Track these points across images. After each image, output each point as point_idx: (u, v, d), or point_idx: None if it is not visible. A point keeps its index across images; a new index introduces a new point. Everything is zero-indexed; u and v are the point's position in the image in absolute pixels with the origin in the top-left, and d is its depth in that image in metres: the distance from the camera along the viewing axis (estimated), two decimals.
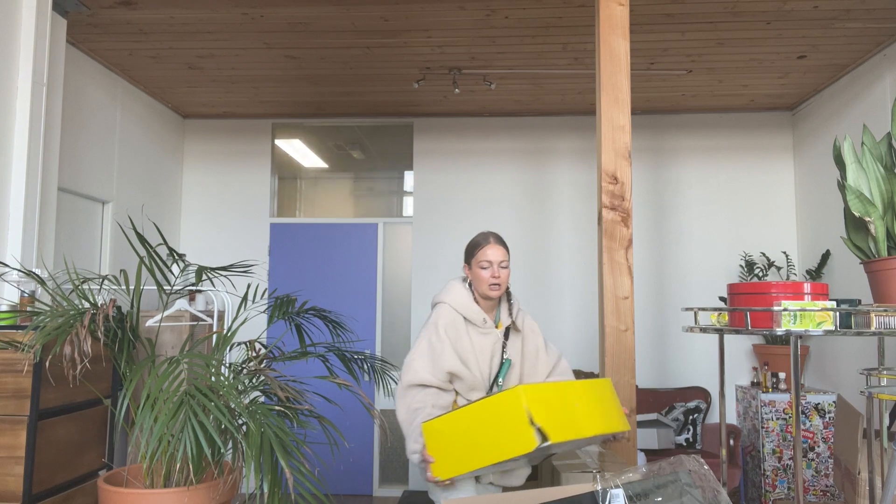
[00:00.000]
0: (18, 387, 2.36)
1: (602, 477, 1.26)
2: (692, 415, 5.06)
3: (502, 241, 2.55)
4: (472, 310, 2.52)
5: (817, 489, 4.65)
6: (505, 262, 2.50)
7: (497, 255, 2.50)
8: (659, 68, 4.66)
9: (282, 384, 1.84)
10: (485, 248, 2.50)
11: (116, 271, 4.83)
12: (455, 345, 2.45)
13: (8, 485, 2.32)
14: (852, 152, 2.50)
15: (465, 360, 2.45)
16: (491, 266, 2.49)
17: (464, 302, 2.53)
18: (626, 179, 2.99)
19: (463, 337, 2.48)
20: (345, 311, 5.66)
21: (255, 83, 5.00)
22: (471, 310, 2.52)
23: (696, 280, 5.55)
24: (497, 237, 2.54)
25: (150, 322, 2.85)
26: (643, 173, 5.66)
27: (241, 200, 5.83)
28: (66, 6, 3.62)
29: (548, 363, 2.62)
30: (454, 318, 2.49)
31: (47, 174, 3.47)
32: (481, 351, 2.49)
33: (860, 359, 4.55)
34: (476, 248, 2.53)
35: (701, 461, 1.35)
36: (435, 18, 3.90)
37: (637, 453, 3.32)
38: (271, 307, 2.65)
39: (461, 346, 2.46)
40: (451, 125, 5.78)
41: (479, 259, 2.49)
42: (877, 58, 4.36)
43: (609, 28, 3.04)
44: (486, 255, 2.49)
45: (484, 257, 2.50)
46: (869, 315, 2.17)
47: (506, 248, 2.53)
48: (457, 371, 2.42)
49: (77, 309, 1.98)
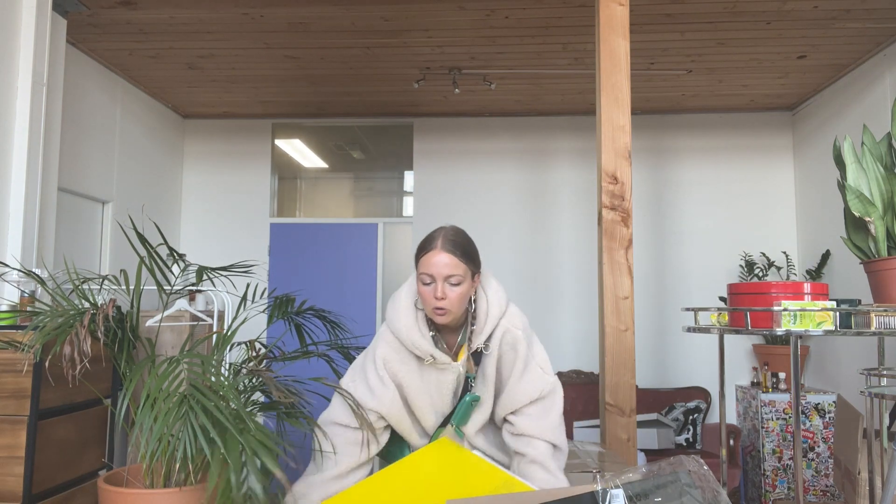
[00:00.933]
0: (18, 387, 2.36)
1: (602, 477, 1.26)
2: (692, 415, 5.06)
3: (459, 246, 1.77)
4: (414, 337, 1.82)
5: (817, 489, 4.65)
6: (456, 276, 1.74)
7: (442, 266, 1.74)
8: (659, 68, 4.65)
9: (278, 384, 1.84)
10: (425, 256, 1.76)
11: (116, 271, 4.83)
12: (400, 383, 1.85)
13: (8, 485, 2.32)
14: (852, 152, 2.50)
15: (413, 403, 1.87)
16: (433, 282, 1.76)
17: (405, 325, 1.83)
18: (626, 179, 2.99)
19: (410, 373, 1.85)
20: (345, 311, 5.66)
21: (255, 83, 5.00)
22: (412, 337, 1.82)
23: (696, 280, 5.55)
24: (449, 240, 1.77)
25: (150, 322, 2.85)
26: (643, 173, 5.66)
27: (241, 200, 5.83)
28: (66, 6, 3.62)
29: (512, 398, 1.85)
30: (396, 349, 1.85)
31: (47, 174, 3.47)
32: (437, 391, 1.88)
33: (860, 359, 4.55)
34: (419, 252, 1.80)
35: (701, 461, 1.35)
36: (435, 18, 3.90)
37: (637, 453, 3.32)
38: (271, 307, 2.66)
39: (409, 384, 1.85)
40: (451, 125, 5.78)
41: (420, 270, 1.78)
42: (877, 58, 4.36)
43: (609, 28, 3.04)
44: (427, 266, 1.76)
45: (424, 268, 1.76)
46: (869, 315, 2.17)
47: (463, 256, 1.77)
48: (397, 419, 1.86)
49: (77, 309, 1.98)
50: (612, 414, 2.91)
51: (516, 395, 1.84)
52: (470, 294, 1.82)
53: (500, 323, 1.86)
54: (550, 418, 1.85)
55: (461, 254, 1.77)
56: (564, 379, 5.42)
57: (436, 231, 1.82)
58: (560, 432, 1.86)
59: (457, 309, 1.78)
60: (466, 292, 1.79)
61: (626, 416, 2.90)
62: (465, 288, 1.78)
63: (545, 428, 1.83)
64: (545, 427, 1.83)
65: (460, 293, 1.76)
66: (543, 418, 1.84)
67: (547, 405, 1.86)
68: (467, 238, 1.83)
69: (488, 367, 1.86)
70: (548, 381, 1.87)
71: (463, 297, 1.78)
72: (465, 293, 1.79)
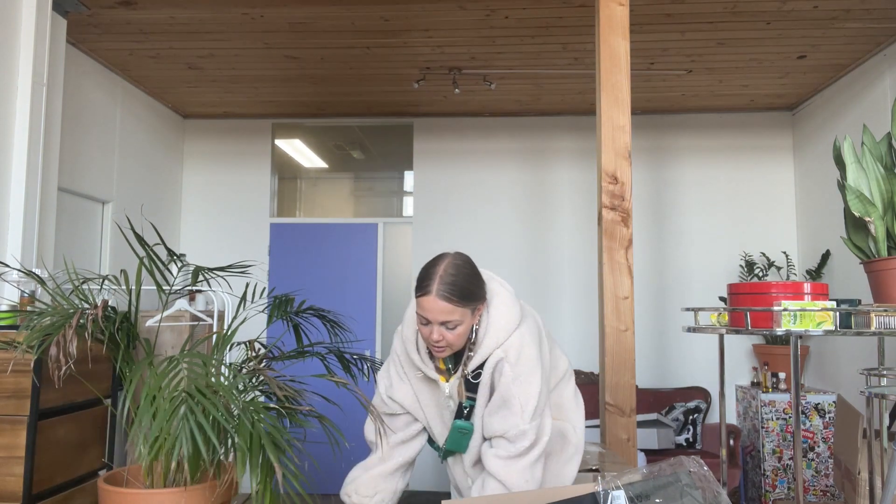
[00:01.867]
0: (18, 387, 2.36)
1: (603, 478, 1.26)
2: (692, 415, 5.06)
3: (456, 290, 1.66)
4: (410, 351, 1.84)
5: (817, 489, 4.65)
6: (454, 321, 1.68)
7: (437, 313, 1.67)
8: (659, 68, 4.65)
9: (280, 383, 1.84)
10: (420, 299, 1.69)
11: (116, 271, 4.83)
12: (411, 383, 1.88)
13: (8, 485, 2.32)
14: (852, 152, 2.50)
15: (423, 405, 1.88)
16: (430, 324, 1.70)
17: (406, 339, 1.86)
18: (626, 179, 2.99)
19: (416, 378, 1.87)
20: (345, 311, 5.66)
21: (255, 83, 5.00)
22: (408, 349, 1.84)
23: (696, 280, 5.55)
24: (446, 283, 1.66)
25: (150, 322, 2.85)
26: (643, 173, 5.66)
27: (241, 200, 5.83)
28: (66, 6, 3.62)
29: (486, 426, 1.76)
30: (404, 352, 1.88)
31: (47, 174, 3.47)
32: (429, 401, 1.87)
33: (860, 359, 4.55)
34: (416, 289, 1.72)
35: (701, 462, 1.35)
36: (435, 18, 3.90)
37: (637, 453, 3.32)
38: (270, 307, 2.65)
39: (417, 387, 1.88)
40: (451, 125, 5.78)
41: (417, 308, 1.71)
42: (877, 58, 4.36)
43: (609, 28, 3.04)
44: (422, 310, 1.69)
45: (420, 310, 1.70)
46: (869, 315, 2.17)
47: (460, 300, 1.67)
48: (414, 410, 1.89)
49: (73, 307, 1.98)
50: (612, 414, 2.91)
51: (488, 425, 1.76)
52: (473, 325, 1.75)
53: (493, 353, 1.75)
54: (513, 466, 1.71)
55: (458, 297, 1.66)
56: None
57: (435, 266, 1.70)
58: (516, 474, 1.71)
59: (457, 346, 1.73)
60: (467, 329, 1.72)
61: (626, 416, 2.90)
62: (464, 328, 1.71)
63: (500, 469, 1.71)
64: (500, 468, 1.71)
65: (458, 334, 1.70)
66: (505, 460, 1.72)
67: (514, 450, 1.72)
68: (469, 275, 1.72)
69: (480, 395, 1.79)
70: (518, 426, 1.70)
71: (463, 336, 1.72)
72: (466, 331, 1.72)
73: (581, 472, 2.26)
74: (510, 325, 1.77)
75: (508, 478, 1.71)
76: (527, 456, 1.73)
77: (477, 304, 1.74)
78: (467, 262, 1.75)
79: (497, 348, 1.75)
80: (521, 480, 1.71)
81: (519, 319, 1.79)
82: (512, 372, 1.73)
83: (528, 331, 1.79)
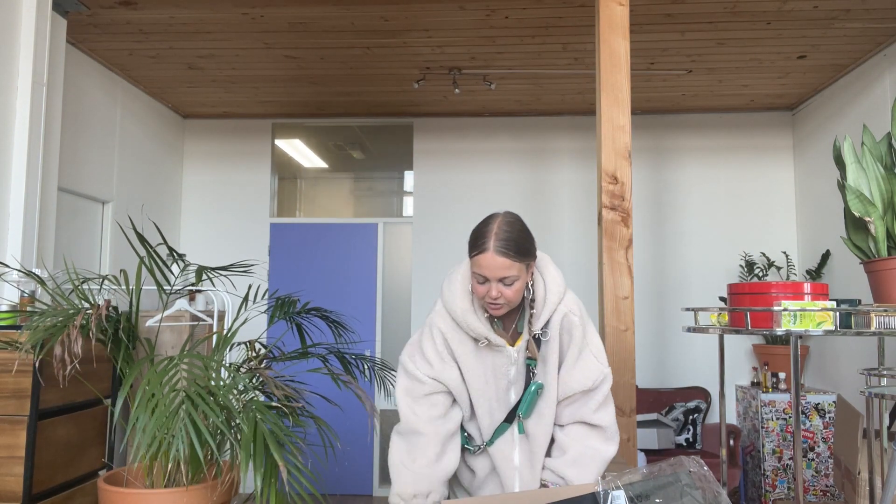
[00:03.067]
0: (18, 387, 2.36)
1: (603, 478, 1.26)
2: (692, 415, 5.06)
3: (512, 245, 1.70)
4: (469, 320, 1.79)
5: (817, 489, 4.65)
6: (511, 277, 1.70)
7: (495, 269, 1.69)
8: (659, 68, 4.65)
9: (279, 383, 1.84)
10: (478, 256, 1.70)
11: (116, 271, 4.83)
12: (458, 360, 1.83)
13: (8, 485, 2.32)
14: (852, 152, 2.50)
15: (470, 384, 1.83)
16: (487, 282, 1.72)
17: (460, 308, 1.80)
18: (626, 179, 2.99)
19: (467, 354, 1.82)
20: (345, 311, 5.66)
21: (255, 83, 5.00)
22: (468, 320, 1.79)
23: (696, 280, 5.55)
24: (501, 240, 1.69)
25: (150, 322, 2.85)
26: (643, 173, 5.66)
27: (241, 200, 5.83)
28: (66, 6, 3.62)
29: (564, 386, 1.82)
30: (451, 326, 1.83)
31: (47, 174, 3.47)
32: (493, 375, 1.83)
33: (860, 359, 4.55)
34: (471, 248, 1.74)
35: (701, 462, 1.35)
36: (435, 18, 3.90)
37: (637, 453, 3.32)
38: (272, 307, 2.65)
39: (465, 363, 1.82)
40: (451, 125, 5.78)
41: (473, 268, 1.73)
42: (877, 58, 4.36)
43: (609, 28, 3.04)
44: (480, 268, 1.71)
45: (477, 268, 1.72)
46: (869, 315, 2.17)
47: (517, 255, 1.70)
48: (457, 393, 1.84)
49: (75, 308, 1.98)
50: None
51: (568, 383, 1.82)
52: (527, 282, 1.80)
53: (558, 308, 1.82)
54: (592, 402, 1.83)
55: (515, 253, 1.70)
56: None
57: (488, 225, 1.73)
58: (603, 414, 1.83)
59: (514, 301, 1.76)
60: (522, 286, 1.75)
61: (626, 416, 2.90)
62: (521, 283, 1.74)
63: (584, 413, 1.82)
64: (584, 412, 1.82)
65: (516, 290, 1.73)
66: (585, 404, 1.83)
67: (600, 396, 1.83)
68: (522, 230, 1.77)
69: (549, 354, 1.83)
70: (601, 370, 1.83)
71: (520, 291, 1.75)
72: (522, 286, 1.75)
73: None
74: (562, 283, 1.87)
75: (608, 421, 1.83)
76: (611, 401, 1.86)
77: (530, 259, 1.79)
78: (518, 220, 1.81)
79: (559, 304, 1.83)
80: (616, 425, 1.86)
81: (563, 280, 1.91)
82: (581, 324, 1.83)
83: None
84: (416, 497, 1.76)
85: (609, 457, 1.83)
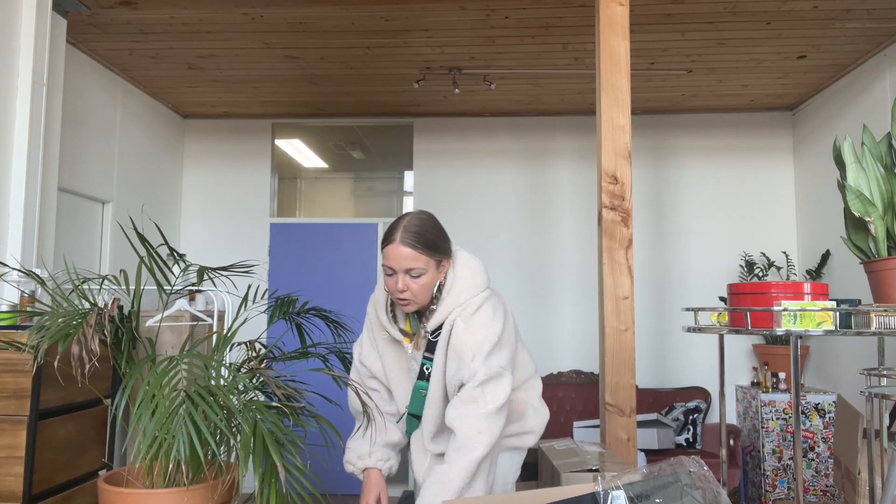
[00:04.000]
0: (18, 387, 2.36)
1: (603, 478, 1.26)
2: (692, 415, 5.06)
3: (420, 238, 1.73)
4: (379, 311, 1.91)
5: (817, 489, 4.65)
6: (417, 269, 1.73)
7: (401, 259, 1.72)
8: (659, 68, 4.65)
9: (279, 383, 1.84)
10: (386, 248, 1.75)
11: (116, 271, 4.83)
12: (379, 347, 1.95)
13: (8, 485, 2.32)
14: (852, 152, 2.50)
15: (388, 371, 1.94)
16: (395, 274, 1.75)
17: (376, 299, 1.94)
18: (626, 179, 2.99)
19: (384, 341, 1.93)
20: (345, 310, 5.66)
21: (255, 83, 5.00)
22: (377, 310, 1.91)
23: (696, 280, 5.55)
24: (410, 232, 1.73)
25: (151, 322, 2.85)
26: (643, 173, 5.66)
27: (241, 200, 5.83)
28: (66, 6, 3.62)
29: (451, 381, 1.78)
30: (375, 315, 1.95)
31: (47, 174, 3.47)
32: (392, 366, 1.93)
33: (860, 359, 4.55)
34: (382, 241, 1.78)
35: (701, 462, 1.35)
36: (435, 18, 3.90)
37: (637, 453, 3.32)
38: (272, 307, 2.65)
39: (384, 352, 1.94)
40: (451, 125, 5.78)
41: (383, 259, 1.77)
42: (877, 58, 4.36)
43: (609, 28, 3.04)
44: (388, 258, 1.74)
45: (385, 259, 1.76)
46: (869, 315, 2.17)
47: (425, 248, 1.73)
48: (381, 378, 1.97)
49: (79, 309, 1.98)
50: (612, 414, 2.91)
51: (449, 381, 1.79)
52: (437, 281, 1.80)
53: (453, 311, 1.80)
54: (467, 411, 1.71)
55: (423, 245, 1.73)
56: (564, 379, 5.42)
57: (399, 220, 1.78)
58: (467, 422, 1.69)
59: (422, 298, 1.77)
60: (431, 282, 1.77)
61: (626, 416, 2.90)
62: (428, 278, 1.75)
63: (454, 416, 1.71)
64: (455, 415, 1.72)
65: (423, 284, 1.75)
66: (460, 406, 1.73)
67: (465, 394, 1.72)
68: (432, 226, 1.80)
69: (437, 356, 1.80)
70: (470, 366, 1.72)
71: (427, 287, 1.76)
72: (430, 283, 1.77)
73: (581, 472, 2.26)
74: (473, 289, 1.82)
75: (461, 424, 1.69)
76: (481, 403, 1.71)
77: (441, 257, 1.80)
78: (431, 217, 1.84)
79: (457, 307, 1.80)
80: (474, 430, 1.69)
81: (484, 288, 1.86)
82: (463, 324, 1.77)
83: (492, 302, 1.83)
84: (360, 458, 1.90)
85: (464, 465, 1.66)
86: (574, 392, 5.29)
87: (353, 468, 1.92)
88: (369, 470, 1.91)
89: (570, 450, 2.51)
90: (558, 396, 5.30)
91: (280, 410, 1.87)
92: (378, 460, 1.92)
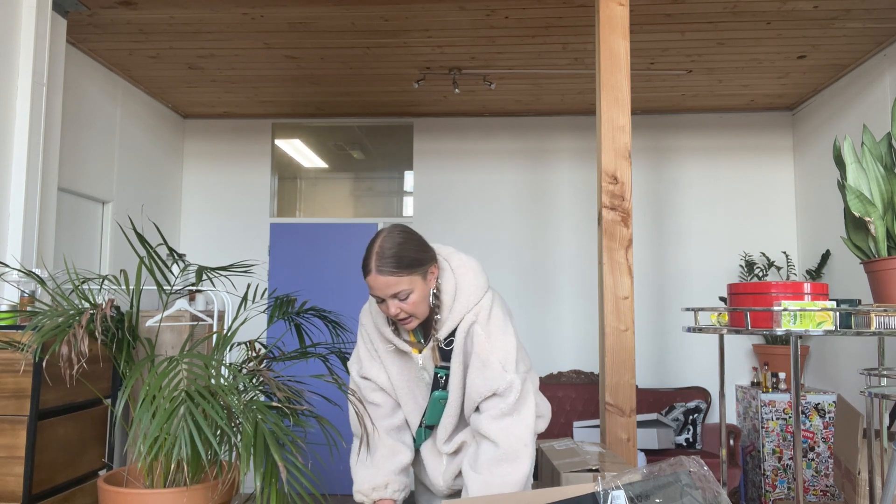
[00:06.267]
0: (18, 387, 2.36)
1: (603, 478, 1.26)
2: (692, 415, 5.06)
3: (394, 261, 1.68)
4: (379, 323, 1.85)
5: (817, 489, 4.65)
6: (403, 291, 1.69)
7: (383, 288, 1.69)
8: (659, 68, 4.65)
9: (279, 384, 1.84)
10: (367, 280, 1.72)
11: (116, 271, 4.83)
12: (382, 359, 1.87)
13: (8, 485, 2.32)
14: (852, 152, 2.50)
15: (395, 383, 1.87)
16: (384, 301, 1.73)
17: (376, 311, 1.86)
18: (626, 179, 2.99)
19: (388, 352, 1.86)
20: (345, 311, 5.66)
21: (255, 83, 5.00)
22: (378, 322, 1.85)
23: (696, 280, 5.55)
24: (384, 258, 1.68)
25: (150, 322, 2.85)
26: (643, 173, 5.66)
27: (241, 200, 5.83)
28: (66, 6, 3.62)
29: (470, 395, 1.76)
30: (373, 325, 1.88)
31: (47, 174, 3.47)
32: (412, 377, 1.85)
33: (860, 359, 4.55)
34: (362, 270, 1.76)
35: (701, 462, 1.35)
36: (435, 18, 3.90)
37: (637, 453, 3.32)
38: (271, 307, 2.65)
39: (388, 363, 1.86)
40: (451, 125, 5.78)
41: (369, 289, 1.74)
42: (877, 58, 4.36)
43: (609, 28, 3.04)
44: (371, 288, 1.72)
45: (370, 290, 1.73)
46: (869, 315, 2.17)
47: (403, 269, 1.68)
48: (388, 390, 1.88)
49: (76, 309, 1.98)
50: (612, 414, 2.91)
51: (471, 395, 1.75)
52: (430, 290, 1.75)
53: (465, 317, 1.76)
54: (495, 409, 1.72)
55: (402, 267, 1.68)
56: (564, 379, 5.42)
57: (371, 245, 1.71)
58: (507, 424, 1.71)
59: (420, 312, 1.74)
60: (422, 295, 1.73)
61: (626, 416, 2.90)
62: (418, 294, 1.71)
63: (483, 421, 1.72)
64: (483, 419, 1.72)
65: (415, 301, 1.71)
66: (490, 409, 1.73)
67: (505, 405, 1.72)
68: (404, 242, 1.72)
69: (454, 364, 1.77)
70: (505, 378, 1.72)
71: (421, 302, 1.72)
72: (422, 297, 1.73)
73: (581, 472, 2.26)
74: (479, 291, 1.79)
75: (503, 438, 1.70)
76: (520, 414, 1.73)
77: (425, 267, 1.75)
78: (403, 231, 1.75)
79: (468, 312, 1.77)
80: (520, 444, 1.71)
81: (487, 287, 1.82)
82: (484, 332, 1.75)
83: (497, 301, 1.82)
84: (375, 490, 1.81)
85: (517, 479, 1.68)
86: (574, 392, 5.29)
87: (366, 499, 1.82)
88: (384, 501, 1.83)
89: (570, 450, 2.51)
90: (558, 396, 5.30)
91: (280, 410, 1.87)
92: (395, 491, 1.83)
